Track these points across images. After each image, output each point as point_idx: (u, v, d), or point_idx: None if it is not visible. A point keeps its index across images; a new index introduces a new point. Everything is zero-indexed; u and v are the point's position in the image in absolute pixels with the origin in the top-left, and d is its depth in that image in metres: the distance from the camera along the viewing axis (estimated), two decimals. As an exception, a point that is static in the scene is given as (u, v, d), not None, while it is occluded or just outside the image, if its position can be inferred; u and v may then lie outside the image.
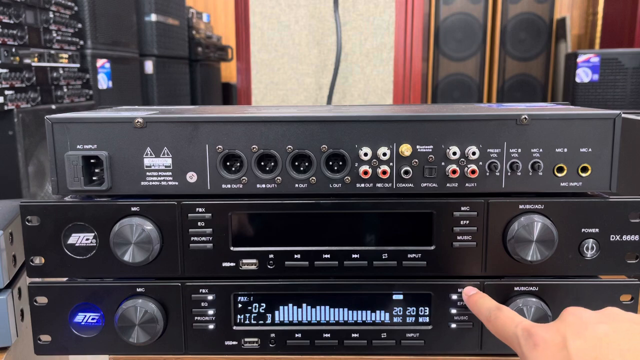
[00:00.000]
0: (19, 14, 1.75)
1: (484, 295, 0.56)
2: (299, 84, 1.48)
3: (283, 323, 0.61)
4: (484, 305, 0.54)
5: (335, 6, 1.38)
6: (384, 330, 0.61)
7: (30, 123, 1.78)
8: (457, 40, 3.67)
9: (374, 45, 1.45)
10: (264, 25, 1.45)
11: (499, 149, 0.56)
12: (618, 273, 0.60)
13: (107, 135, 0.56)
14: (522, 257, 0.57)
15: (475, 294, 0.57)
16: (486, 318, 0.52)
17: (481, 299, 0.55)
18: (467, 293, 0.58)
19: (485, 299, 0.55)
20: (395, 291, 0.61)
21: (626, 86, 2.71)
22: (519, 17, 3.66)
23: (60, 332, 0.60)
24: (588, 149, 0.56)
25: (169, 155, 0.57)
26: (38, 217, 0.57)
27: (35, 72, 1.84)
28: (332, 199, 0.58)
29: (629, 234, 0.58)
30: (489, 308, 0.53)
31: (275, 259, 0.59)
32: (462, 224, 0.58)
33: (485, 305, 0.54)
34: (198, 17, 3.67)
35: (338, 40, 1.38)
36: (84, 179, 0.56)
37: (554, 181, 0.57)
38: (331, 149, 0.56)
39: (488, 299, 0.55)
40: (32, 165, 1.83)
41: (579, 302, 0.60)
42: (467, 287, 0.59)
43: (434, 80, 3.72)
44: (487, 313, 0.52)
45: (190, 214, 0.58)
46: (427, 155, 0.56)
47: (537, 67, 3.71)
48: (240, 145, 0.56)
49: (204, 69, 3.64)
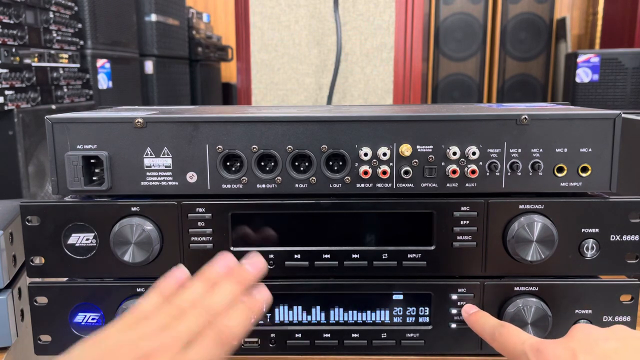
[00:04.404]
0: (19, 14, 1.75)
1: (484, 314, 0.56)
2: (299, 84, 1.48)
3: (283, 323, 0.61)
4: (487, 324, 0.53)
5: (335, 6, 1.38)
6: (384, 331, 0.61)
7: (30, 123, 1.78)
8: (457, 40, 3.67)
9: (374, 45, 1.45)
10: (264, 25, 1.45)
11: (499, 149, 0.56)
12: (618, 273, 0.60)
13: (107, 135, 0.56)
14: (522, 257, 0.57)
15: (476, 312, 0.57)
16: (490, 336, 0.52)
17: (483, 317, 0.55)
18: (467, 311, 0.58)
19: (487, 317, 0.55)
20: (395, 291, 0.61)
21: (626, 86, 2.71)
22: (519, 17, 3.66)
23: (60, 332, 0.60)
24: (588, 149, 0.56)
25: (169, 155, 0.57)
26: (38, 217, 0.57)
27: (35, 72, 1.84)
28: (332, 199, 0.58)
29: (629, 234, 0.58)
30: (492, 326, 0.52)
31: (275, 259, 0.59)
32: (462, 224, 0.58)
33: (488, 323, 0.53)
34: (198, 17, 3.67)
35: (338, 40, 1.38)
36: (84, 179, 0.56)
37: (554, 181, 0.57)
38: (331, 149, 0.56)
39: (489, 317, 0.55)
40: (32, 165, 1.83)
41: (579, 302, 0.60)
42: (466, 305, 0.59)
43: (434, 80, 3.72)
44: (491, 331, 0.52)
45: (190, 214, 0.58)
46: (427, 155, 0.56)
47: (537, 67, 3.70)
48: (240, 145, 0.56)
49: (204, 69, 3.64)
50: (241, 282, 0.48)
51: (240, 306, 0.46)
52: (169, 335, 0.41)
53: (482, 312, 0.57)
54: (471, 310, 0.57)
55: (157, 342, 0.41)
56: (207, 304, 0.45)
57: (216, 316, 0.44)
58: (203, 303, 0.45)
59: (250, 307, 0.47)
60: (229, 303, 0.45)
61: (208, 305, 0.44)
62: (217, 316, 0.44)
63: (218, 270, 0.48)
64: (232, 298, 0.46)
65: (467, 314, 0.57)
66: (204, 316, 0.43)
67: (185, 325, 0.42)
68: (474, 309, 0.58)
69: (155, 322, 0.43)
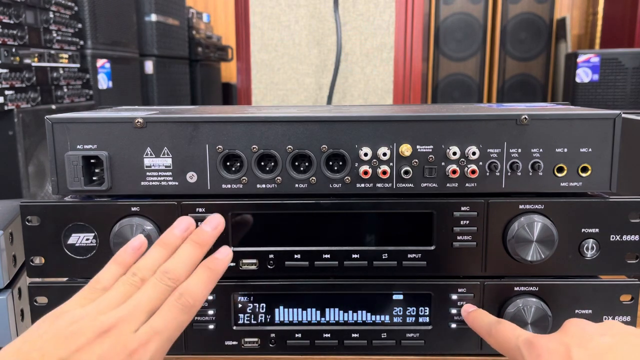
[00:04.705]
0: (19, 14, 1.75)
1: (483, 312, 0.56)
2: (299, 84, 1.48)
3: (283, 323, 0.61)
4: (484, 321, 0.54)
5: (335, 6, 1.38)
6: (384, 330, 0.61)
7: (30, 123, 1.78)
8: (457, 40, 3.67)
9: (374, 45, 1.45)
10: (264, 25, 1.45)
11: (499, 149, 0.56)
12: (618, 273, 0.60)
13: (107, 135, 0.56)
14: (522, 257, 0.57)
15: (474, 310, 0.57)
16: (487, 332, 0.52)
17: (481, 315, 0.55)
18: (466, 310, 0.58)
19: (485, 314, 0.55)
20: (395, 291, 0.61)
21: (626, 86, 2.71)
22: (519, 17, 3.65)
23: (60, 332, 0.60)
24: (588, 149, 0.56)
25: (169, 155, 0.57)
26: (38, 217, 0.57)
27: (35, 72, 1.84)
28: (332, 199, 0.58)
29: (629, 234, 0.58)
30: (489, 323, 0.52)
31: (275, 259, 0.59)
32: (462, 224, 0.58)
33: (485, 321, 0.54)
34: (198, 17, 3.67)
35: (338, 40, 1.38)
36: (84, 179, 0.56)
37: (554, 181, 0.57)
38: (331, 149, 0.56)
39: (488, 315, 0.55)
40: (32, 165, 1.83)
41: (579, 302, 0.60)
42: (466, 304, 0.59)
43: (434, 80, 3.72)
44: (487, 328, 0.52)
45: (190, 214, 0.58)
46: (427, 155, 0.56)
47: (537, 67, 3.70)
48: (240, 145, 0.56)
49: (204, 69, 3.64)
50: (200, 243, 0.47)
51: (201, 269, 0.45)
52: (129, 306, 0.41)
53: (480, 310, 0.57)
54: (470, 309, 0.58)
55: (117, 315, 0.40)
56: (166, 269, 0.44)
57: (177, 281, 0.43)
58: (163, 269, 0.44)
59: (212, 268, 0.46)
60: (189, 267, 0.45)
61: (168, 270, 0.44)
62: (178, 281, 0.43)
63: (176, 234, 0.48)
64: (192, 261, 0.45)
65: (466, 312, 0.57)
66: (165, 282, 0.43)
67: (146, 294, 0.42)
68: (473, 307, 0.58)
69: (115, 293, 0.42)
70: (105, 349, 0.38)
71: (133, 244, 0.47)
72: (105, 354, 0.38)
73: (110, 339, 0.39)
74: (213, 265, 0.46)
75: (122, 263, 0.46)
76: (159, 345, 0.40)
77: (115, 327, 0.39)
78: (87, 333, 0.39)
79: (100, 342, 0.38)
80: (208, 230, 0.49)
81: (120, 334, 0.39)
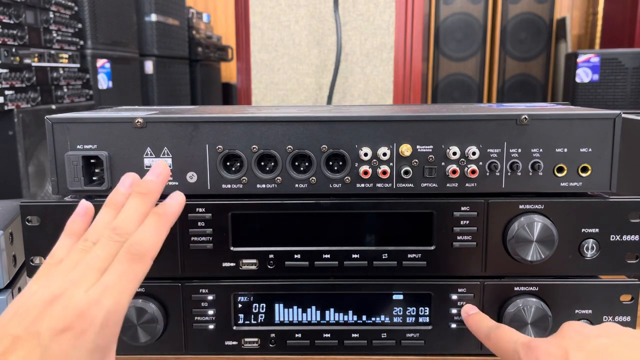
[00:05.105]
0: (19, 14, 1.75)
1: (483, 316, 0.56)
2: (299, 84, 1.48)
3: (283, 323, 0.61)
4: (483, 324, 0.54)
5: (335, 6, 1.38)
6: (384, 331, 0.61)
7: (30, 123, 1.78)
8: (457, 40, 3.67)
9: (374, 45, 1.45)
10: (264, 25, 1.45)
11: (499, 149, 0.56)
12: (618, 273, 0.60)
13: (107, 135, 0.56)
14: (522, 257, 0.57)
15: (475, 313, 0.57)
16: (486, 336, 0.52)
17: (480, 319, 0.55)
18: (467, 311, 0.58)
19: (485, 318, 0.55)
20: (395, 291, 0.61)
21: (626, 86, 2.72)
22: (519, 17, 3.66)
23: (60, 332, 0.60)
24: (588, 149, 0.56)
25: (169, 155, 0.57)
26: (38, 217, 0.57)
27: (35, 72, 1.84)
28: (332, 199, 0.58)
29: (629, 234, 0.58)
30: (488, 327, 0.52)
31: (275, 259, 0.59)
32: (462, 224, 0.58)
33: (484, 325, 0.54)
34: (198, 17, 3.67)
35: (338, 40, 1.38)
36: (84, 179, 0.56)
37: (554, 181, 0.57)
38: (331, 149, 0.56)
39: (487, 319, 0.55)
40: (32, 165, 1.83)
41: (579, 302, 0.60)
42: (466, 305, 0.59)
43: (434, 80, 3.72)
44: (486, 332, 0.52)
45: (190, 214, 0.58)
46: (427, 155, 0.56)
47: (537, 67, 3.70)
48: (240, 145, 0.56)
49: (204, 69, 3.64)
50: (147, 194, 0.46)
51: (150, 216, 0.44)
52: (80, 268, 0.40)
53: (481, 314, 0.57)
54: (470, 311, 0.58)
55: (68, 279, 0.40)
56: (114, 226, 0.43)
57: (127, 235, 0.43)
58: (111, 227, 0.43)
59: (161, 213, 0.45)
60: (137, 219, 0.44)
61: (116, 227, 0.43)
62: (128, 235, 0.43)
63: (122, 191, 0.47)
64: (140, 213, 0.45)
65: (467, 314, 0.57)
66: (114, 239, 0.42)
67: (95, 253, 0.41)
68: (474, 309, 0.58)
69: (68, 262, 0.42)
70: (56, 314, 0.38)
71: (78, 211, 0.47)
72: (57, 318, 0.37)
73: (60, 304, 0.38)
74: (162, 210, 0.45)
75: (72, 233, 0.45)
76: (114, 300, 0.39)
77: (65, 291, 0.39)
78: (39, 305, 0.38)
79: (50, 310, 0.38)
80: (152, 179, 0.47)
81: (71, 296, 0.38)
